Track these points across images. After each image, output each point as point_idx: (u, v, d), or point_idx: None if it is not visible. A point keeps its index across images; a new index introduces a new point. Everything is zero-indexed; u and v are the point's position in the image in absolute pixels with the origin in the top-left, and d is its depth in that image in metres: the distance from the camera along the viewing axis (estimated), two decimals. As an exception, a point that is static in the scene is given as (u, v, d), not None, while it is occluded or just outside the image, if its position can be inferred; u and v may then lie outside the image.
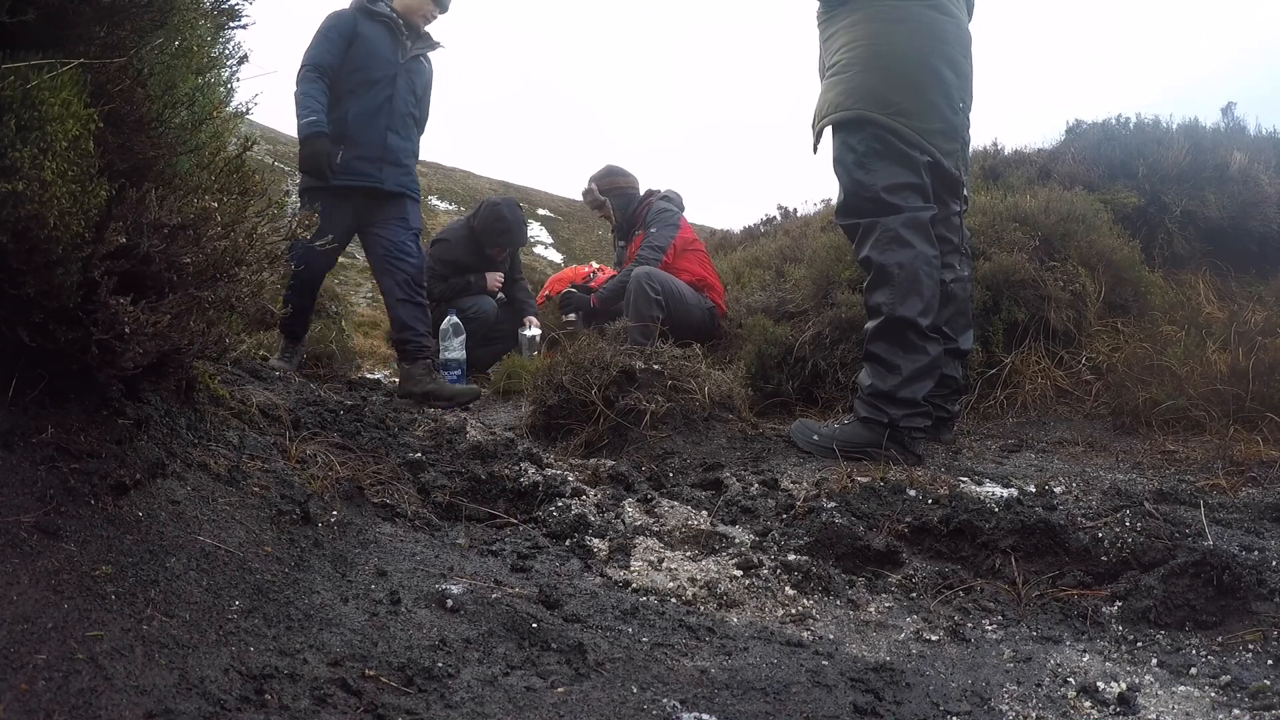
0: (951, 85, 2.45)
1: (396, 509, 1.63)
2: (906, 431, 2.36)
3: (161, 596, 1.00)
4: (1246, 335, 2.74)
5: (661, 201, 4.63)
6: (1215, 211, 3.73)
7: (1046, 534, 1.59)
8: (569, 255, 17.37)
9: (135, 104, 1.11)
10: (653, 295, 4.01)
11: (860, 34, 2.46)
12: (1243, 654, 1.24)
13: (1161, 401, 2.63)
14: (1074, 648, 1.31)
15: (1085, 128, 4.64)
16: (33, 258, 0.97)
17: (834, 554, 1.63)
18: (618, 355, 2.70)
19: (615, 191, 4.80)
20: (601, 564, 1.57)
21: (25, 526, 0.95)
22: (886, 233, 2.38)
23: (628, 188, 4.80)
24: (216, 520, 1.23)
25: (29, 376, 1.09)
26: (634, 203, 4.76)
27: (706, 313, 4.31)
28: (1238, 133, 4.28)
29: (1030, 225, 3.40)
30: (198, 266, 1.15)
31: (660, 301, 4.02)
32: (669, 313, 4.02)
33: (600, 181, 4.83)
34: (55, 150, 0.94)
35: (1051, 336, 3.18)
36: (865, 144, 2.42)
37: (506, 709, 0.97)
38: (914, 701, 1.12)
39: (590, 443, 2.54)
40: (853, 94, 2.43)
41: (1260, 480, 2.04)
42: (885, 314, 2.38)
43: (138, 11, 1.09)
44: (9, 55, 0.95)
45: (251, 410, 1.78)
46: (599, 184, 4.83)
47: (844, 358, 3.19)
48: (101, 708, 0.78)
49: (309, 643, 1.03)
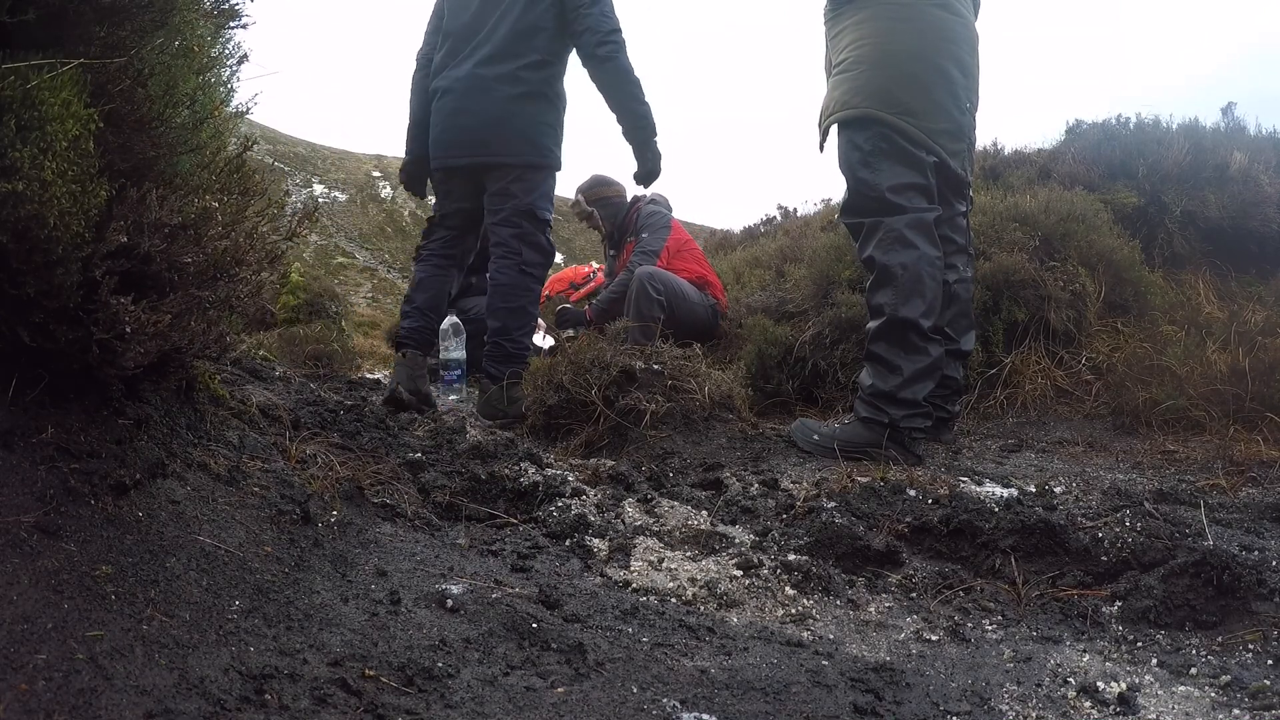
0: (959, 85, 2.44)
1: (396, 509, 1.63)
2: (907, 432, 2.36)
3: (161, 596, 1.00)
4: (1246, 335, 2.75)
5: (650, 206, 4.61)
6: (1215, 211, 3.73)
7: (1046, 534, 1.59)
8: (569, 255, 17.38)
9: (136, 104, 1.11)
10: (655, 295, 4.01)
11: (868, 32, 2.45)
12: (1243, 654, 1.24)
13: (1161, 401, 2.63)
14: (1074, 648, 1.31)
15: (1085, 128, 4.64)
16: (33, 258, 0.97)
17: (834, 554, 1.63)
18: (618, 355, 2.70)
19: (602, 202, 4.76)
20: (601, 564, 1.57)
21: (25, 526, 0.95)
22: (890, 233, 2.38)
23: (615, 197, 4.76)
24: (216, 520, 1.23)
25: (29, 376, 1.09)
26: (623, 211, 4.73)
27: (710, 310, 4.30)
28: (1238, 133, 4.29)
29: (1030, 225, 3.40)
30: (198, 266, 1.15)
31: (662, 301, 4.02)
32: (673, 311, 4.02)
33: (587, 193, 4.80)
34: (55, 150, 0.94)
35: (1051, 336, 3.18)
36: (871, 143, 2.41)
37: (506, 709, 0.97)
38: (914, 701, 1.12)
39: (590, 443, 2.54)
40: (860, 92, 2.42)
41: (1260, 480, 2.04)
42: (887, 314, 2.37)
43: (138, 11, 1.09)
44: (9, 55, 0.95)
45: (251, 410, 1.78)
46: (585, 195, 4.80)
47: (844, 358, 3.19)
48: (101, 708, 0.78)
49: (309, 643, 1.03)
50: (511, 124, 3.05)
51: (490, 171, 3.10)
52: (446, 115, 3.13)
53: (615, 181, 4.83)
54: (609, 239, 4.88)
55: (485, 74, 3.05)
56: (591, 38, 3.04)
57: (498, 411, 3.01)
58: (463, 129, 3.09)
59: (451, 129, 3.12)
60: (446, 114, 3.13)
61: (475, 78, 3.06)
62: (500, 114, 3.04)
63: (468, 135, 3.09)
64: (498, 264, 3.12)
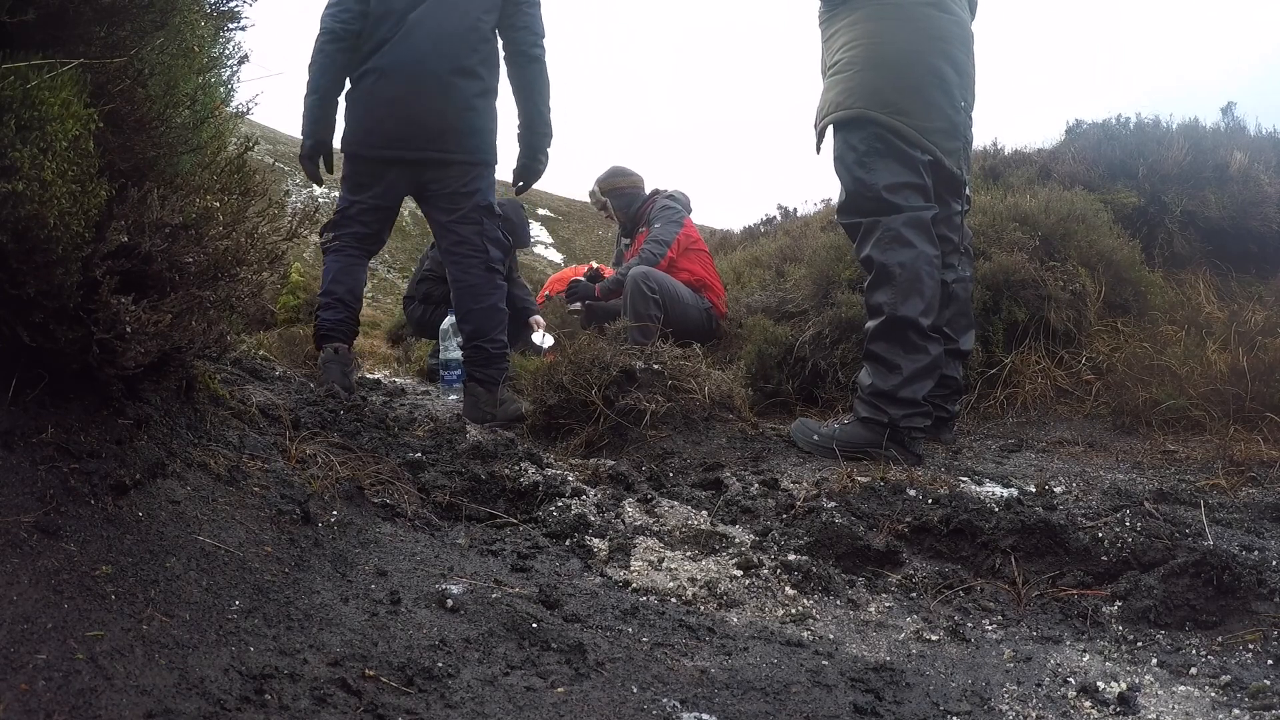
0: (953, 84, 2.45)
1: (396, 509, 1.63)
2: (906, 431, 2.36)
3: (161, 596, 1.00)
4: (1246, 335, 2.75)
5: (665, 199, 4.66)
6: (1215, 211, 3.73)
7: (1046, 534, 1.59)
8: (569, 255, 17.38)
9: (136, 104, 1.11)
10: (649, 294, 4.03)
11: (861, 33, 2.46)
12: (1243, 654, 1.24)
13: (1161, 401, 2.63)
14: (1074, 647, 1.31)
15: (1085, 128, 4.64)
16: (33, 258, 0.97)
17: (834, 554, 1.63)
18: (618, 355, 2.70)
19: (615, 192, 4.84)
20: (601, 564, 1.57)
21: (25, 526, 0.95)
22: (888, 232, 2.38)
23: (629, 188, 4.83)
24: (216, 520, 1.23)
25: (29, 376, 1.09)
26: (637, 202, 4.80)
27: (704, 313, 4.31)
28: (1238, 133, 4.29)
29: (1030, 225, 3.40)
30: (199, 266, 1.15)
31: (657, 299, 4.04)
32: (666, 312, 4.03)
33: (602, 183, 4.89)
34: (55, 150, 0.94)
35: (1051, 336, 3.18)
36: (866, 143, 2.42)
37: (506, 709, 0.97)
38: (914, 701, 1.12)
39: (590, 443, 2.54)
40: (854, 93, 2.43)
41: (1260, 480, 2.04)
42: (886, 314, 2.38)
43: (138, 12, 1.09)
44: (9, 55, 0.95)
45: (251, 410, 1.78)
46: (600, 186, 4.89)
47: (844, 357, 3.19)
48: (101, 708, 0.78)
49: (309, 643, 1.03)
50: (473, 121, 2.98)
51: (445, 168, 2.99)
52: (392, 104, 2.93)
53: (632, 173, 4.89)
54: (622, 228, 4.96)
55: (440, 66, 2.91)
56: (529, 36, 3.05)
57: (487, 415, 2.96)
58: (414, 121, 2.93)
59: (403, 120, 2.93)
60: (392, 102, 2.93)
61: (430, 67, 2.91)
62: (462, 109, 2.95)
63: (421, 129, 2.94)
64: (463, 263, 3.03)
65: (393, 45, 2.93)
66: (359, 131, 3.01)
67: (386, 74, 2.93)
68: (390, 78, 2.92)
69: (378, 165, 3.02)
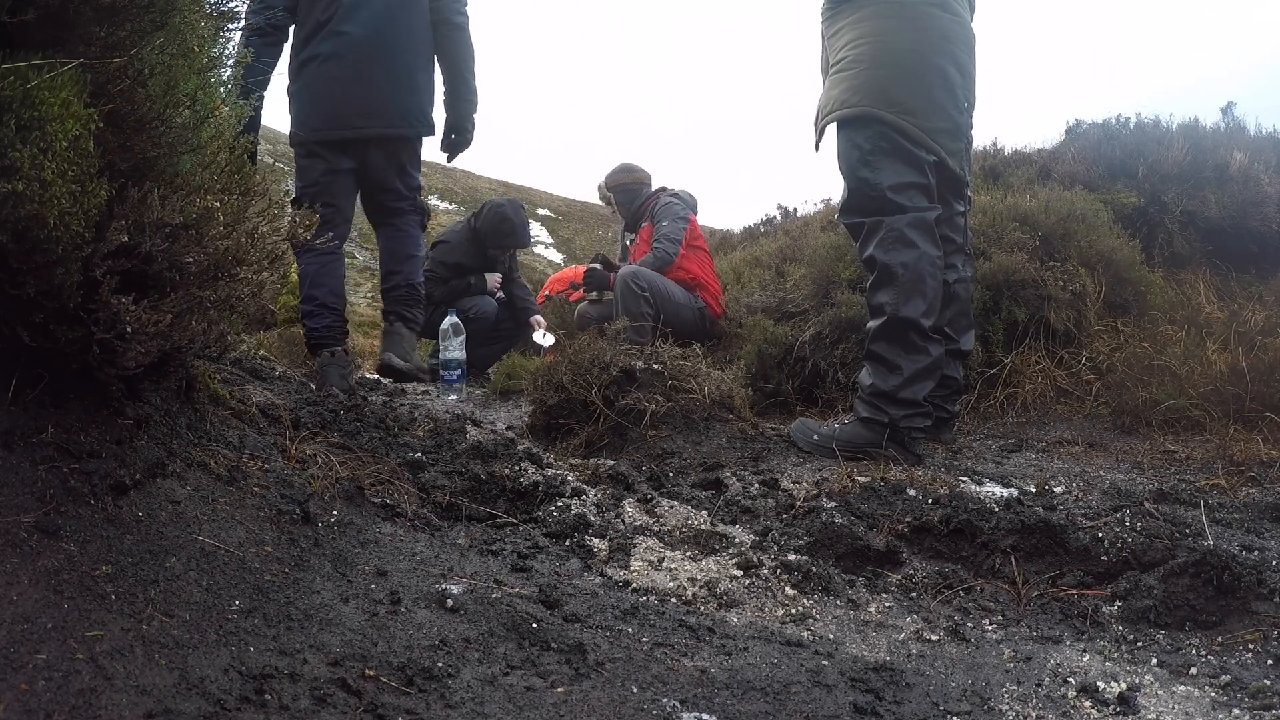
0: (956, 84, 2.44)
1: (396, 509, 1.63)
2: (907, 432, 2.36)
3: (161, 596, 1.00)
4: (1246, 335, 2.75)
5: (669, 196, 4.70)
6: (1215, 211, 3.73)
7: (1046, 534, 1.59)
8: (569, 255, 17.38)
9: (136, 104, 1.11)
10: (639, 292, 4.06)
11: (866, 30, 2.45)
12: (1243, 654, 1.24)
13: (1161, 401, 2.63)
14: (1074, 647, 1.31)
15: (1085, 128, 4.64)
16: (33, 258, 0.97)
17: (834, 554, 1.63)
18: (618, 355, 2.70)
19: (619, 188, 4.90)
20: (601, 564, 1.57)
21: (25, 526, 0.95)
22: (891, 232, 2.37)
23: (633, 184, 4.88)
24: (216, 520, 1.23)
25: (29, 376, 1.09)
26: (640, 197, 4.85)
27: (697, 313, 4.33)
28: (1238, 133, 4.29)
29: (1030, 225, 3.40)
30: (199, 266, 1.14)
31: (648, 298, 4.06)
32: (657, 311, 4.05)
33: (608, 179, 4.96)
34: (55, 150, 0.94)
35: (1051, 336, 3.18)
36: (871, 142, 2.41)
37: (506, 709, 0.97)
38: (914, 701, 1.12)
39: (590, 442, 2.54)
40: (859, 91, 2.42)
41: (1260, 480, 2.04)
42: (888, 314, 2.37)
43: (138, 12, 1.09)
44: (9, 55, 0.95)
45: (251, 410, 1.78)
46: (606, 181, 4.96)
47: (844, 357, 3.19)
48: (101, 708, 0.78)
49: (309, 643, 1.03)
50: (420, 94, 3.09)
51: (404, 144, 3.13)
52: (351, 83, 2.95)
53: (638, 169, 4.95)
54: (626, 223, 5.00)
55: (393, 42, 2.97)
56: (453, 3, 3.13)
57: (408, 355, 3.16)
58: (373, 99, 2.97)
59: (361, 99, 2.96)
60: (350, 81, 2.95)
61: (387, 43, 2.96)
62: (417, 84, 3.06)
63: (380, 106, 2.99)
64: (407, 219, 3.24)
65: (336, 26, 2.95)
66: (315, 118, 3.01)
67: (329, 57, 2.95)
68: (334, 59, 2.95)
69: (334, 146, 3.04)
